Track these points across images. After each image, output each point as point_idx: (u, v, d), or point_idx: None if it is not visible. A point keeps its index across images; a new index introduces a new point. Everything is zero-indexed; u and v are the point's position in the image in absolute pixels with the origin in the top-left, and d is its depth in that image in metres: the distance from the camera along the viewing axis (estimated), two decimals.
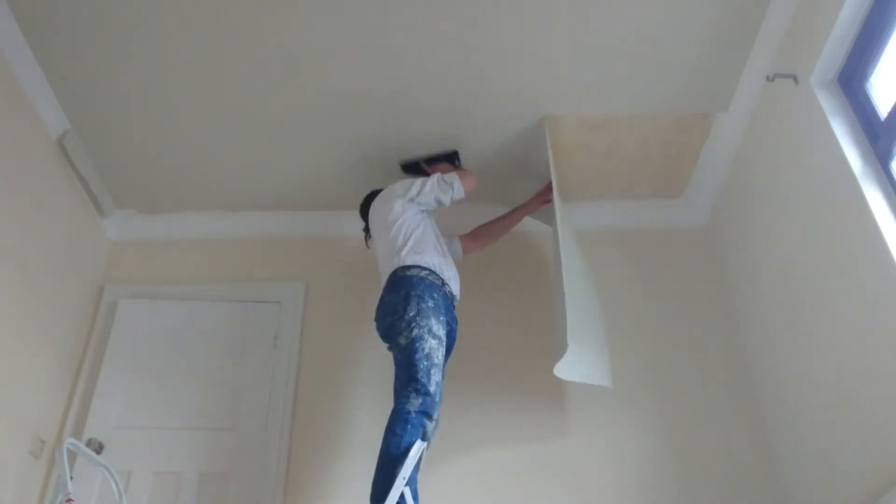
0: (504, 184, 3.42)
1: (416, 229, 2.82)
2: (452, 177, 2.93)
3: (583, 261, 3.11)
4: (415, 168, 3.18)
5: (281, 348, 3.24)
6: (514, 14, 2.72)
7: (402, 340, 2.56)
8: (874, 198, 2.29)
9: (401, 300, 2.62)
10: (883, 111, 2.38)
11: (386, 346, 2.73)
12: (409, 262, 2.72)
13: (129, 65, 2.90)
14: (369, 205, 3.05)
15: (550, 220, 3.22)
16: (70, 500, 2.29)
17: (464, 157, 3.23)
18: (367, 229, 3.09)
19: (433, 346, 2.53)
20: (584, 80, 2.99)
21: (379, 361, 3.21)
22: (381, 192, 2.99)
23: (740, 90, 2.99)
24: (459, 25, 2.77)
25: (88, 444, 2.89)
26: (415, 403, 2.42)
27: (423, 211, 2.91)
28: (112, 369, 3.14)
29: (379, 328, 2.74)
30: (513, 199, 3.38)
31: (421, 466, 2.52)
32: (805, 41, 2.58)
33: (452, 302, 2.80)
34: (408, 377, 2.49)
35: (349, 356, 3.24)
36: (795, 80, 2.63)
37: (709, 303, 3.34)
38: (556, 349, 2.92)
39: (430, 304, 2.62)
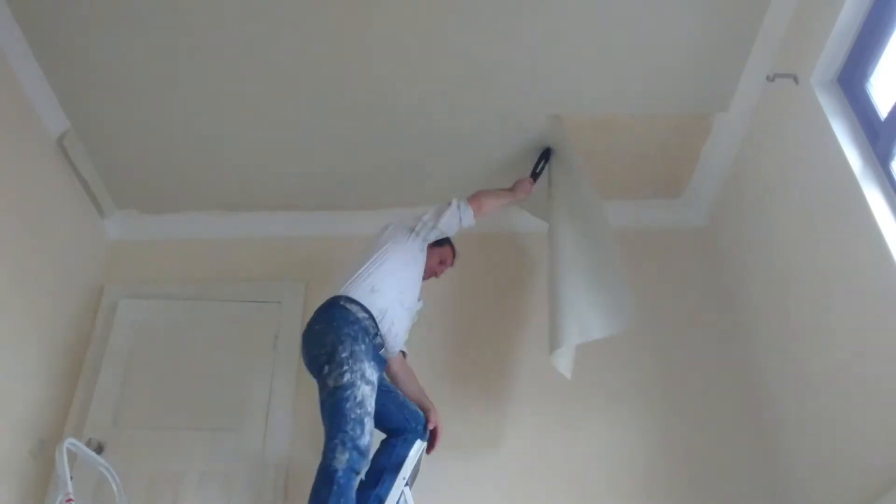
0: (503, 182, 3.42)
1: (392, 266, 2.61)
2: (465, 207, 2.75)
3: (584, 216, 3.03)
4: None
5: (281, 348, 3.23)
6: (514, 15, 2.72)
7: (331, 382, 2.35)
8: (874, 198, 2.29)
9: (332, 335, 2.42)
10: (883, 111, 2.37)
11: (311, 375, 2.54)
12: (354, 296, 2.51)
13: (128, 65, 2.90)
14: None
15: (548, 215, 3.22)
16: (70, 500, 2.29)
17: (467, 158, 3.24)
18: None
19: (366, 392, 2.33)
20: (584, 80, 2.99)
21: None
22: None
23: (740, 90, 2.99)
24: (462, 27, 2.77)
25: (88, 444, 2.89)
26: (341, 460, 2.22)
27: (418, 248, 2.71)
28: (112, 369, 3.14)
29: (304, 357, 2.56)
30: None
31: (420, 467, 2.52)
32: (805, 41, 2.58)
33: (379, 353, 2.54)
34: (336, 427, 2.28)
35: None
36: (795, 80, 2.62)
37: (709, 303, 3.34)
38: (563, 331, 2.83)
39: (363, 346, 2.41)
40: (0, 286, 2.74)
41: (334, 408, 2.31)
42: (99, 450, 2.90)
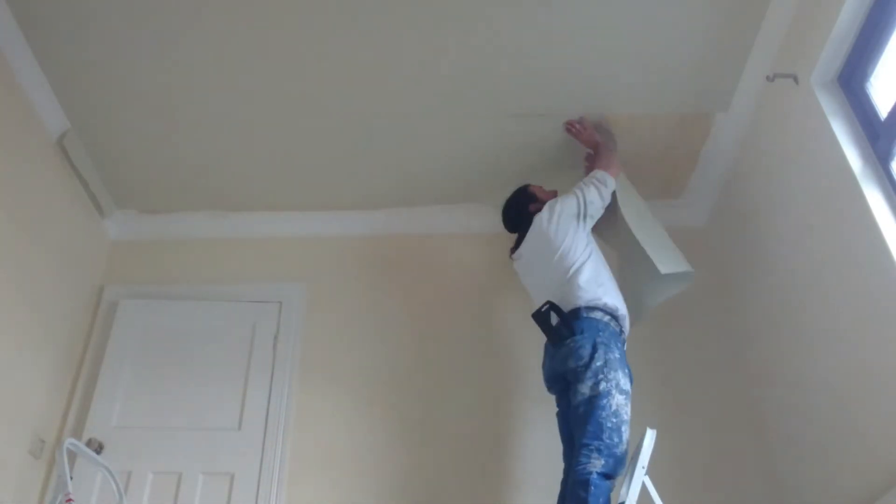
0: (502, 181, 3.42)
1: (590, 256, 2.69)
2: (602, 175, 2.83)
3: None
4: None
5: (281, 348, 3.24)
6: (513, 14, 2.72)
7: (587, 391, 2.40)
8: (874, 198, 2.29)
9: (587, 345, 2.46)
10: (883, 111, 2.37)
11: (546, 387, 2.64)
12: (592, 302, 2.55)
13: (129, 65, 2.90)
14: (516, 211, 2.98)
15: None
16: (70, 500, 2.29)
17: (461, 156, 3.23)
18: (517, 241, 2.91)
19: (621, 402, 2.38)
20: (584, 80, 2.99)
21: (379, 362, 3.22)
22: (546, 206, 2.80)
23: (740, 90, 2.99)
24: (464, 26, 2.76)
25: (88, 444, 2.89)
26: (597, 465, 2.27)
27: (588, 228, 2.77)
28: (112, 369, 3.15)
29: (552, 368, 2.60)
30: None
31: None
32: (805, 41, 2.58)
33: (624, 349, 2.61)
34: (591, 435, 2.33)
35: (349, 356, 3.24)
36: (795, 80, 2.62)
37: (709, 303, 3.34)
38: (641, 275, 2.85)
39: (617, 354, 2.47)
40: (0, 286, 2.74)
41: (590, 416, 2.36)
42: (99, 450, 2.90)
